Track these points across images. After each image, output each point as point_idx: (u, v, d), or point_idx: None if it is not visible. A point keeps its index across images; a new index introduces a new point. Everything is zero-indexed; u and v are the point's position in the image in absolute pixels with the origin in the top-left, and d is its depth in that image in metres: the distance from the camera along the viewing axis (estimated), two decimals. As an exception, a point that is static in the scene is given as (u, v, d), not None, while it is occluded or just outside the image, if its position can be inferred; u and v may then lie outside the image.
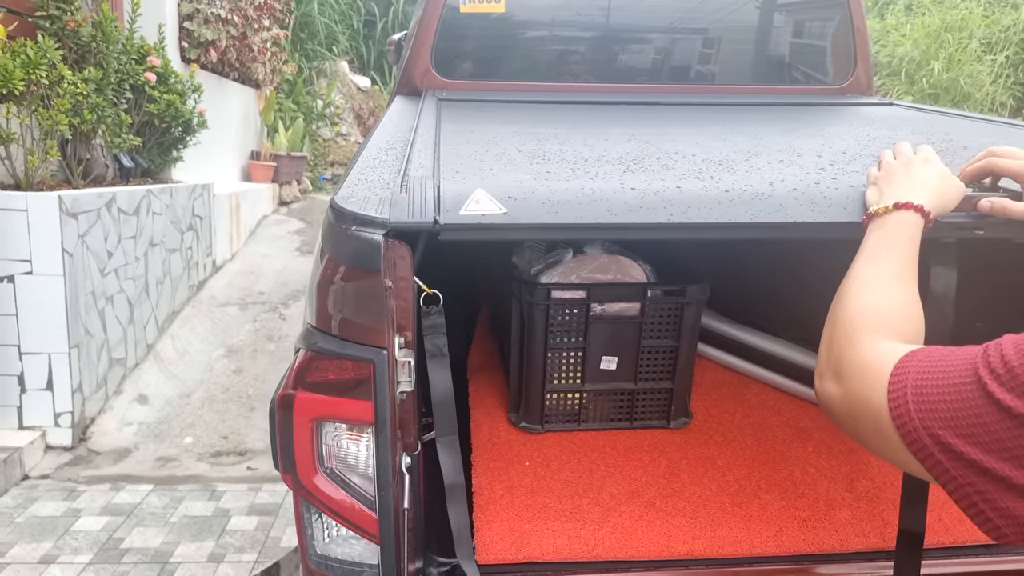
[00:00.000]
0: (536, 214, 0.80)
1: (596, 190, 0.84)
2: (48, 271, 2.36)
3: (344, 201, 0.85)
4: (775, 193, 0.86)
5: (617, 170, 0.93)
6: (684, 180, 0.89)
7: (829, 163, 1.02)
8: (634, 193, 0.83)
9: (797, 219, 0.82)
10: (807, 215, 0.83)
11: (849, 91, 2.00)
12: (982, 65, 7.08)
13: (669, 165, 0.98)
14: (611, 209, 0.81)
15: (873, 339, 0.61)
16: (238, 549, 1.95)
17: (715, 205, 0.83)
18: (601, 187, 0.85)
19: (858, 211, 0.83)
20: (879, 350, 0.59)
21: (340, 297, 0.86)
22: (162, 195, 3.20)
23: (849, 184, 0.88)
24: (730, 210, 0.82)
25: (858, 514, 1.13)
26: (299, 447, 0.89)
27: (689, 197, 0.83)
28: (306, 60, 6.29)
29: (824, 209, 0.84)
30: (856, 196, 0.85)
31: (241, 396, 2.88)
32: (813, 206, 0.84)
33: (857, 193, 0.86)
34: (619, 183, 0.86)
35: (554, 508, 1.12)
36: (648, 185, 0.85)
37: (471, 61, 1.98)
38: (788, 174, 0.94)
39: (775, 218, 0.82)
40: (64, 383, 2.41)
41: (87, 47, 2.77)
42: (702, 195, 0.84)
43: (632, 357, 1.32)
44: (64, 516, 2.06)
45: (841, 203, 0.85)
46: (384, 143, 1.19)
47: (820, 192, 0.86)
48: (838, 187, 0.88)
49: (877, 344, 0.60)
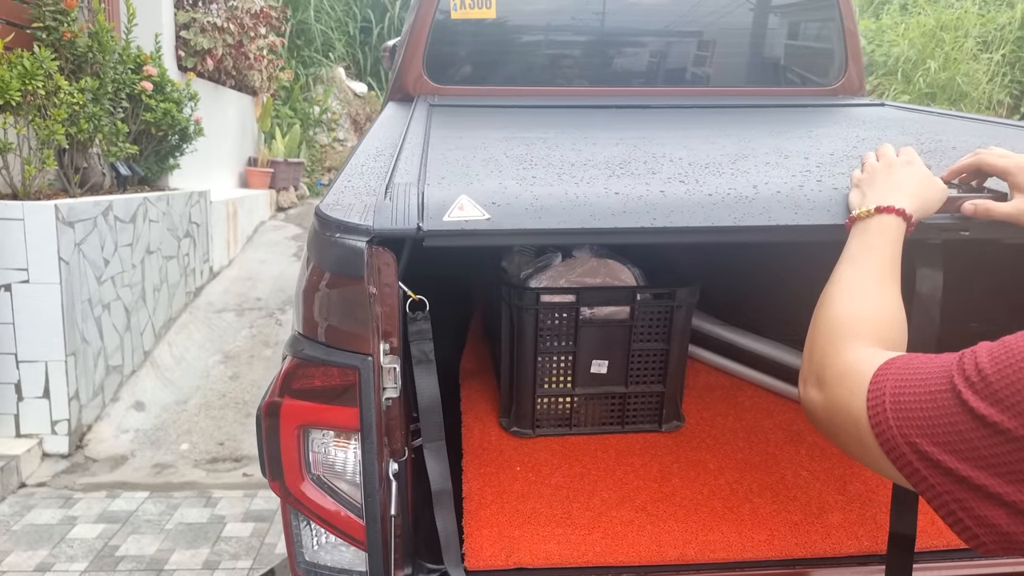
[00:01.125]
0: (519, 220, 0.80)
1: (580, 195, 0.84)
2: (44, 279, 2.37)
3: (329, 209, 0.85)
4: (758, 196, 0.86)
5: (603, 175, 0.94)
6: (668, 184, 0.89)
7: (816, 165, 1.02)
8: (618, 198, 0.84)
9: (780, 222, 0.82)
10: (790, 218, 0.83)
11: (841, 92, 2.01)
12: (978, 64, 7.08)
13: (655, 169, 0.98)
14: (594, 214, 0.81)
15: (854, 345, 0.61)
16: (233, 556, 1.95)
17: (698, 209, 0.83)
18: (585, 192, 0.85)
19: (841, 214, 0.83)
20: (860, 356, 0.59)
21: (325, 304, 0.87)
22: (159, 203, 3.22)
23: (833, 187, 0.88)
24: (713, 213, 0.83)
25: (850, 517, 1.13)
26: (286, 454, 0.89)
27: (672, 201, 0.84)
28: (303, 67, 6.32)
29: (807, 212, 0.84)
30: (840, 199, 0.85)
31: (237, 402, 2.88)
32: (797, 209, 0.85)
33: (841, 196, 0.85)
34: (603, 188, 0.87)
35: (545, 513, 1.12)
36: (632, 190, 0.86)
37: (463, 67, 1.98)
38: (773, 176, 0.94)
39: (758, 221, 0.83)
40: (61, 391, 2.42)
41: (84, 57, 2.79)
42: (685, 199, 0.85)
43: (623, 361, 1.32)
44: (60, 524, 2.06)
45: (824, 206, 0.85)
46: (373, 150, 1.19)
47: (804, 195, 0.87)
48: (822, 189, 0.88)
49: (858, 351, 0.60)
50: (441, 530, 0.93)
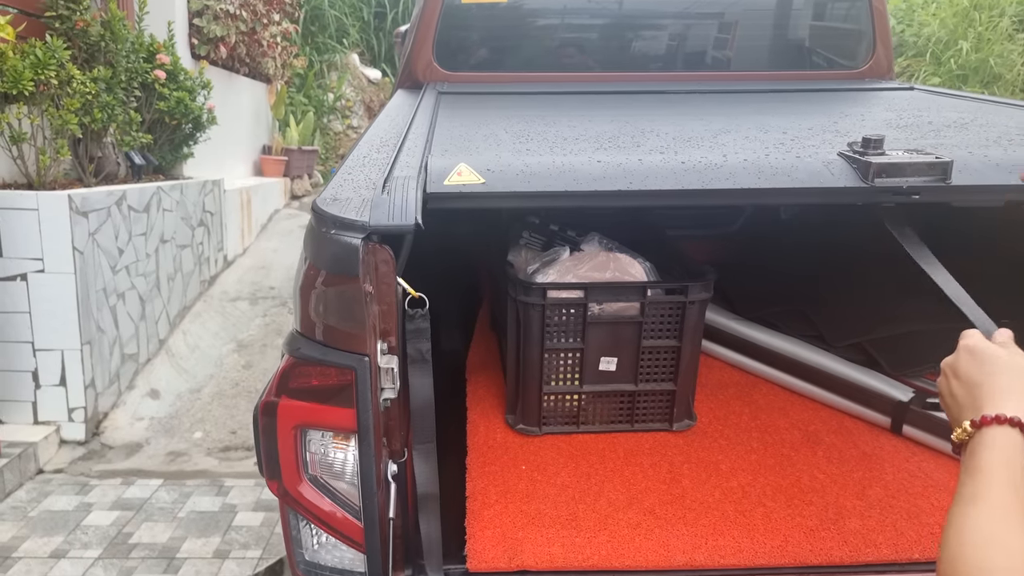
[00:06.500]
0: (511, 183, 0.88)
1: (566, 163, 0.92)
2: (59, 269, 2.39)
3: (325, 204, 0.82)
4: (726, 163, 0.91)
5: (591, 147, 1.02)
6: (648, 155, 0.96)
7: (791, 139, 1.05)
8: (599, 165, 0.92)
9: (743, 186, 0.88)
10: (753, 182, 0.89)
11: (868, 75, 1.93)
12: (1014, 44, 6.78)
13: (640, 142, 1.06)
14: (577, 179, 0.89)
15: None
16: (243, 545, 1.96)
17: (671, 175, 0.90)
18: (571, 161, 0.93)
19: (804, 179, 0.89)
20: None
21: (321, 303, 0.84)
22: (172, 192, 3.23)
23: (796, 156, 0.94)
24: (684, 178, 0.89)
25: (869, 524, 1.09)
26: (283, 454, 0.87)
27: (648, 168, 0.90)
28: (316, 53, 6.29)
29: (770, 177, 0.89)
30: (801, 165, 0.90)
31: (250, 391, 2.90)
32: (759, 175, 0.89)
33: (802, 163, 0.92)
34: (588, 157, 0.95)
35: (550, 514, 1.09)
36: (613, 158, 0.94)
37: (473, 53, 1.94)
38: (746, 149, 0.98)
39: (724, 185, 0.88)
40: (77, 379, 2.45)
41: (96, 46, 2.79)
42: (661, 166, 0.92)
43: (632, 358, 1.29)
44: (76, 511, 2.10)
45: (786, 171, 0.90)
46: (378, 140, 1.17)
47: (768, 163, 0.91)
48: (785, 158, 0.93)
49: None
50: (424, 535, 0.92)
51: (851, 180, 0.88)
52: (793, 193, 0.89)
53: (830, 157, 0.93)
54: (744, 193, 0.89)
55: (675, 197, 0.91)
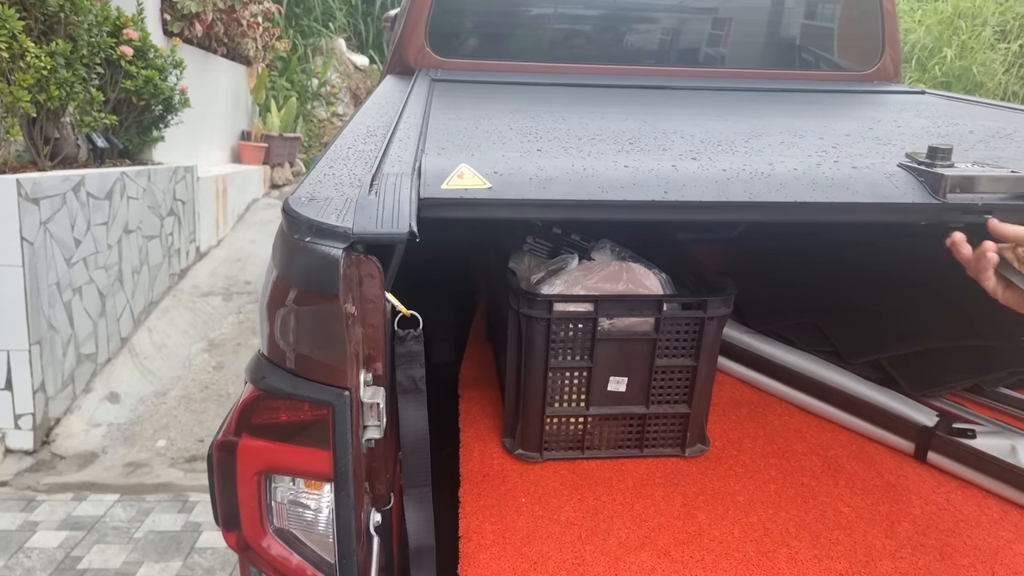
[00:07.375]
0: (523, 190, 0.75)
1: (587, 167, 0.81)
2: (4, 261, 2.19)
3: (300, 204, 0.68)
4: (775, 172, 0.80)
5: (611, 149, 0.90)
6: (681, 160, 0.85)
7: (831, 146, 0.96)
8: (627, 171, 0.80)
9: (797, 199, 0.77)
10: (808, 195, 0.77)
11: (875, 78, 1.86)
12: (995, 53, 6.89)
13: (666, 145, 0.94)
14: (602, 186, 0.77)
15: None
16: (207, 570, 1.80)
17: (712, 184, 0.78)
18: (593, 165, 0.82)
19: (861, 192, 0.77)
20: None
21: (292, 324, 0.69)
22: (139, 178, 3.01)
23: (852, 166, 0.83)
24: (727, 189, 0.77)
25: (901, 567, 0.99)
26: (244, 502, 0.73)
27: (685, 175, 0.80)
28: (301, 36, 6.05)
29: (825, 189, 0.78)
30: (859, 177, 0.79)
31: (221, 395, 2.72)
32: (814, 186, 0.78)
33: (860, 174, 0.80)
34: (612, 161, 0.83)
35: (553, 558, 0.97)
36: (640, 163, 0.83)
37: (469, 38, 1.82)
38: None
39: (775, 197, 0.77)
40: (24, 382, 2.25)
41: (55, 17, 2.56)
42: (699, 173, 0.80)
43: (644, 378, 1.17)
44: (19, 530, 1.91)
45: (844, 183, 0.79)
46: (364, 129, 1.03)
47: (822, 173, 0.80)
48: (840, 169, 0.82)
49: None
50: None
51: (919, 195, 0.77)
52: (852, 209, 0.78)
53: (890, 168, 0.82)
54: (797, 208, 0.78)
55: (718, 211, 0.80)
